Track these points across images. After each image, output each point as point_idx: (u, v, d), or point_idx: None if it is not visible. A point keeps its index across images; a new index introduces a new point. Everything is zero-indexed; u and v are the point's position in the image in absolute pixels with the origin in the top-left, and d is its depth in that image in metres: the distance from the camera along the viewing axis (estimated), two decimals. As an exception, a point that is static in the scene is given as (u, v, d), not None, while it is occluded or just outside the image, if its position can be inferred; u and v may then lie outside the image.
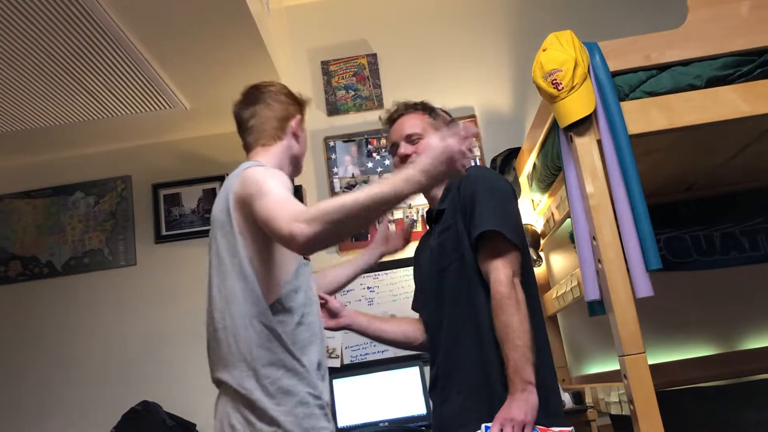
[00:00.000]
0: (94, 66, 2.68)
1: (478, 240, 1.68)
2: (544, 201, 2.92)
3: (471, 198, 1.72)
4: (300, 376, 1.61)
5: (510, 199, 1.78)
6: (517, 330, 1.55)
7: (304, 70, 3.65)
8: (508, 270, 1.63)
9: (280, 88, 1.98)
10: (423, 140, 1.91)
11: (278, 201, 1.49)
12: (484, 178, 1.76)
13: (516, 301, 1.59)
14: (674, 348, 3.18)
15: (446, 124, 1.74)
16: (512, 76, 3.58)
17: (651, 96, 2.16)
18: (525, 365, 1.53)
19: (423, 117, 1.96)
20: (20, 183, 3.56)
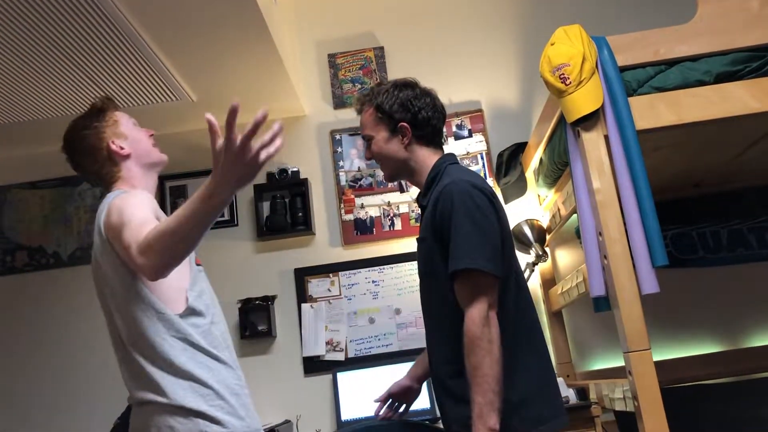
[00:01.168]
0: (101, 58, 2.68)
1: (453, 275, 1.60)
2: (550, 196, 2.91)
3: (447, 221, 1.62)
4: (227, 370, 1.73)
5: (488, 217, 1.63)
6: (485, 374, 1.49)
7: (310, 63, 3.64)
8: (483, 306, 1.54)
9: (76, 125, 1.90)
10: (373, 139, 1.84)
11: (131, 231, 1.50)
12: (460, 198, 1.62)
13: (488, 342, 1.51)
14: (679, 345, 3.17)
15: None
16: (519, 71, 3.57)
17: (659, 91, 2.14)
18: (490, 412, 1.47)
19: (370, 113, 1.85)
20: (27, 173, 3.57)
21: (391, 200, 3.38)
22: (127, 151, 1.88)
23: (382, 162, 1.86)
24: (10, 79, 2.75)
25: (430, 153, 1.83)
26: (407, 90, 1.85)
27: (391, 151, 1.82)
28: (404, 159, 1.82)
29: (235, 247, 3.41)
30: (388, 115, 1.81)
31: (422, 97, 1.85)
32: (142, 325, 1.65)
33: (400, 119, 1.80)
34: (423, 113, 1.82)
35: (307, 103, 3.57)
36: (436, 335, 1.73)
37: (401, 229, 3.34)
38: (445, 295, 1.64)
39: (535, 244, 3.00)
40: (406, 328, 3.23)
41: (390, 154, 1.82)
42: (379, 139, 1.83)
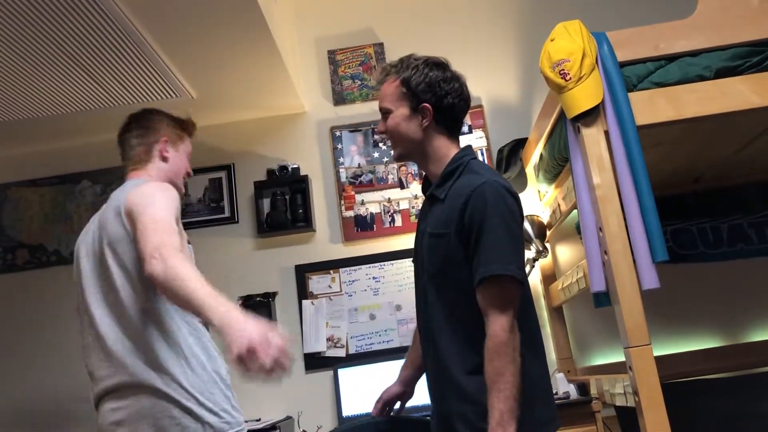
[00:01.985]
0: (101, 55, 2.68)
1: (482, 279, 1.56)
2: (550, 192, 2.91)
3: (478, 224, 1.57)
4: (220, 360, 1.89)
5: (519, 224, 1.64)
6: (509, 381, 1.48)
7: (310, 60, 3.64)
8: (510, 314, 1.53)
9: (161, 111, 2.12)
10: (391, 114, 1.73)
11: (162, 233, 1.60)
12: (495, 201, 1.58)
13: (513, 349, 1.51)
14: (680, 340, 3.17)
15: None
16: (519, 67, 3.56)
17: (659, 87, 2.14)
18: (510, 420, 1.46)
19: (394, 84, 1.74)
20: (27, 171, 3.57)
21: (392, 197, 3.38)
22: (167, 157, 2.04)
23: (395, 139, 1.75)
24: (10, 76, 2.74)
25: (448, 143, 1.74)
26: (438, 70, 1.74)
27: (408, 131, 1.72)
28: (419, 141, 1.72)
29: (235, 243, 3.41)
30: (413, 92, 1.71)
31: (452, 82, 1.73)
32: (154, 299, 1.71)
33: (425, 99, 1.70)
34: (449, 99, 1.71)
35: (306, 99, 3.57)
36: (448, 330, 1.64)
37: (401, 226, 3.34)
38: (460, 295, 1.61)
39: (535, 239, 3.00)
40: (407, 324, 3.24)
41: (406, 133, 1.72)
42: (397, 114, 1.73)
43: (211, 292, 1.45)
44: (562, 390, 2.67)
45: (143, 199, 1.72)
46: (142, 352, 1.69)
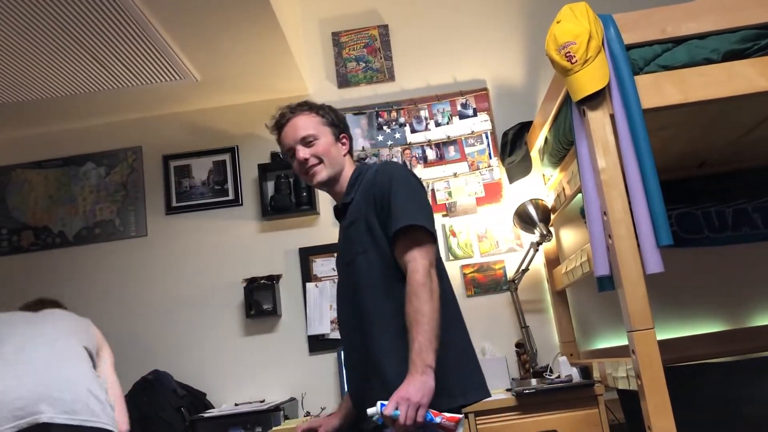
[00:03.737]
0: (105, 37, 2.67)
1: (397, 233, 1.70)
2: (555, 176, 2.90)
3: (387, 191, 1.75)
4: None
5: (424, 193, 1.83)
6: (427, 316, 1.58)
7: (314, 42, 3.62)
8: (425, 260, 1.66)
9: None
10: (319, 140, 1.90)
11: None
12: (398, 173, 1.79)
13: (430, 290, 1.62)
14: (683, 324, 3.18)
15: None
16: (525, 49, 3.54)
17: (666, 70, 2.13)
18: (428, 349, 1.56)
19: (311, 117, 1.94)
20: (32, 153, 3.58)
21: (396, 180, 3.38)
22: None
23: (327, 161, 1.90)
24: (14, 58, 2.74)
25: (351, 164, 1.98)
26: (337, 112, 2.01)
27: (337, 155, 1.92)
28: (342, 166, 1.93)
29: (240, 226, 3.42)
30: (334, 125, 1.95)
31: (343, 118, 2.03)
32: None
33: (343, 131, 1.97)
34: (349, 132, 2.01)
35: (310, 82, 3.55)
36: (375, 323, 1.72)
37: (405, 209, 3.34)
38: (385, 259, 1.73)
39: (539, 223, 3.00)
40: (411, 307, 3.24)
41: (336, 156, 1.92)
42: (326, 141, 1.91)
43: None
44: (565, 373, 2.68)
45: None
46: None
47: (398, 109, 3.47)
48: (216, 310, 3.33)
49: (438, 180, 3.36)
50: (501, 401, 2.60)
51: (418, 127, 3.44)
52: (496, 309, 3.23)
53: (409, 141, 3.43)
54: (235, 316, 3.32)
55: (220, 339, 3.29)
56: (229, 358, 3.27)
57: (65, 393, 2.02)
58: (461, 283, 3.26)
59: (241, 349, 3.28)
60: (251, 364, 3.26)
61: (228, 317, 3.32)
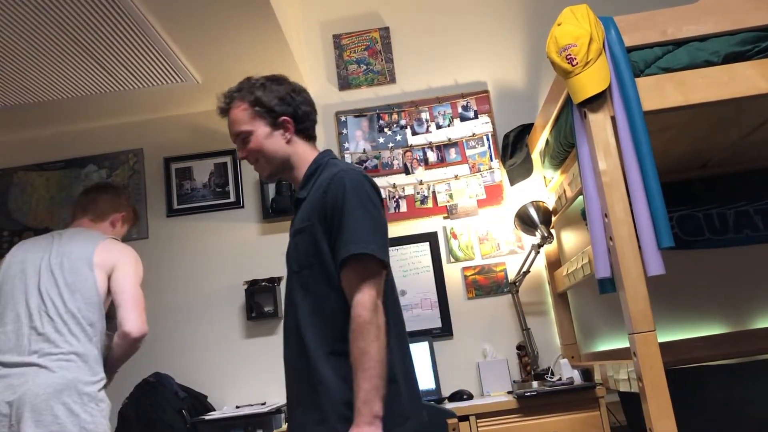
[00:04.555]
0: (107, 40, 2.67)
1: (345, 260, 1.56)
2: (556, 178, 2.90)
3: (339, 208, 1.59)
4: None
5: (379, 209, 1.65)
6: (373, 359, 1.47)
7: (315, 44, 3.63)
8: (373, 293, 1.53)
9: (128, 195, 2.88)
10: (252, 136, 1.76)
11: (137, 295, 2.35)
12: (353, 186, 1.61)
13: (377, 327, 1.50)
14: (685, 326, 3.17)
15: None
16: (526, 51, 3.54)
17: (666, 72, 2.13)
18: (375, 398, 1.45)
19: (243, 108, 1.78)
20: (33, 155, 3.58)
21: (397, 182, 3.38)
22: (114, 226, 2.67)
23: (264, 158, 1.78)
24: (17, 61, 2.74)
25: (310, 148, 1.82)
26: (284, 84, 1.82)
27: (275, 147, 1.77)
28: (287, 154, 1.78)
29: (241, 228, 3.42)
30: (269, 109, 1.77)
31: (300, 93, 1.83)
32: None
33: (282, 113, 1.77)
34: (303, 108, 1.81)
35: (311, 84, 3.56)
36: (317, 329, 1.60)
37: (406, 211, 3.34)
38: (329, 289, 1.60)
39: (540, 225, 3.00)
40: (412, 309, 3.24)
41: (273, 149, 1.77)
42: (259, 134, 1.77)
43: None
44: (566, 376, 2.68)
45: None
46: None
47: (399, 111, 3.47)
48: (217, 313, 3.33)
49: (439, 182, 3.36)
50: (502, 404, 2.60)
51: (419, 130, 3.45)
52: (497, 311, 3.23)
53: (410, 143, 3.43)
54: (236, 318, 3.32)
55: (222, 341, 3.29)
56: (231, 360, 3.27)
57: None
58: (462, 285, 3.26)
59: (242, 351, 3.28)
60: (252, 367, 3.26)
61: (229, 319, 3.32)
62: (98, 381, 2.20)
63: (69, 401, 2.07)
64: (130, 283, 2.34)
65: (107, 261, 2.34)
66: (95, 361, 2.21)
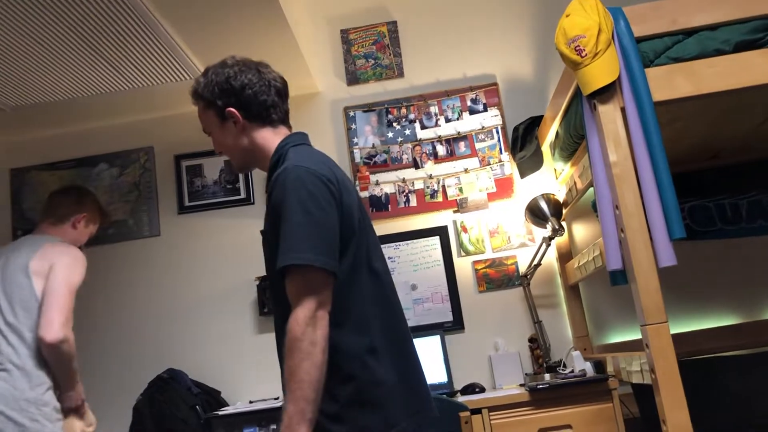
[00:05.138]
0: (115, 38, 2.68)
1: (282, 270, 1.44)
2: (566, 170, 2.89)
3: (279, 213, 1.46)
4: None
5: (324, 207, 1.46)
6: (301, 380, 1.34)
7: (323, 39, 3.63)
8: (309, 304, 1.39)
9: (91, 195, 2.70)
10: (211, 133, 1.69)
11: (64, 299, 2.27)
12: (293, 186, 1.46)
13: (310, 344, 1.36)
14: (697, 317, 3.16)
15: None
16: (535, 43, 3.53)
17: (677, 62, 2.11)
18: (300, 423, 1.32)
19: (201, 107, 1.69)
20: (45, 155, 3.61)
21: (406, 176, 3.38)
22: (76, 227, 2.69)
23: (227, 153, 1.70)
24: (26, 61, 2.76)
25: (272, 133, 1.66)
26: (223, 70, 1.67)
27: (230, 140, 1.66)
28: (246, 147, 1.65)
29: (252, 225, 3.43)
30: (212, 104, 1.65)
31: (242, 74, 1.65)
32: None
33: (225, 104, 1.64)
34: (247, 91, 1.63)
35: (320, 79, 3.56)
36: (282, 328, 1.47)
37: (416, 206, 3.34)
38: (284, 293, 1.46)
39: (551, 218, 2.99)
40: (423, 303, 3.25)
41: (230, 145, 1.66)
42: (214, 129, 1.68)
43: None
44: (579, 368, 2.68)
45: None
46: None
47: (408, 105, 3.47)
48: (229, 308, 3.35)
49: (449, 176, 3.36)
50: (514, 396, 2.60)
51: (428, 123, 3.44)
52: (508, 304, 3.23)
53: (419, 137, 3.43)
54: (249, 313, 3.34)
55: (234, 337, 3.31)
56: (243, 355, 3.29)
57: None
58: (473, 279, 3.26)
59: (254, 346, 3.29)
60: (265, 362, 3.27)
61: (241, 315, 3.34)
62: (39, 385, 2.21)
63: (8, 410, 2.12)
64: (58, 284, 2.27)
65: (44, 265, 2.32)
66: (35, 367, 2.22)
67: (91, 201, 2.67)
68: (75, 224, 2.58)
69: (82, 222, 2.60)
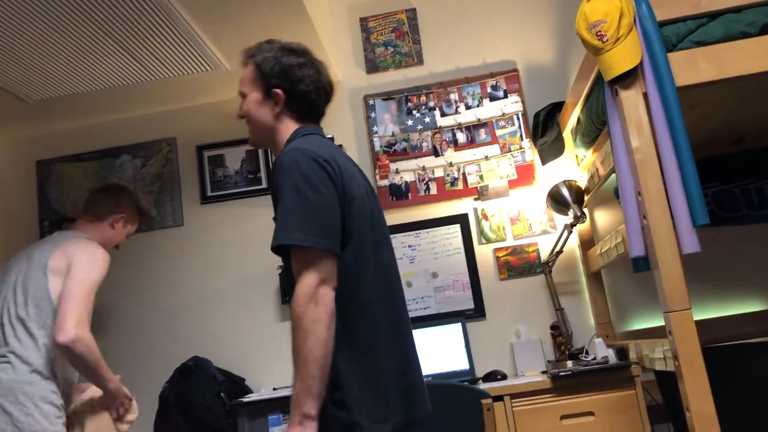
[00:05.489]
0: (137, 30, 2.71)
1: (278, 250, 1.48)
2: (588, 156, 2.87)
3: (276, 194, 1.51)
4: None
5: (319, 189, 1.48)
6: (305, 357, 1.37)
7: (342, 28, 3.62)
8: (310, 280, 1.41)
9: (131, 195, 2.72)
10: (246, 98, 1.72)
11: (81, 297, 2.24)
12: (288, 168, 1.49)
13: (312, 321, 1.38)
14: (721, 303, 3.13)
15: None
16: (555, 29, 3.49)
17: (700, 46, 2.08)
18: (306, 398, 1.36)
19: (250, 69, 1.72)
20: (70, 147, 3.66)
21: (426, 165, 3.38)
22: (114, 227, 2.70)
23: (249, 123, 1.73)
24: (49, 54, 2.80)
25: (297, 126, 1.70)
26: (291, 56, 1.70)
27: (260, 116, 1.69)
28: (270, 128, 1.69)
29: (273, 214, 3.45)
30: (266, 78, 1.68)
31: (306, 68, 1.70)
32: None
33: (276, 85, 1.67)
34: (302, 86, 1.68)
35: (339, 68, 3.56)
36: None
37: (437, 194, 3.34)
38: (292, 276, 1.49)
39: (573, 205, 2.98)
40: (444, 291, 3.25)
41: (258, 117, 1.70)
42: (251, 98, 1.71)
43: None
44: (601, 355, 2.67)
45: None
46: None
47: (427, 93, 3.46)
48: (252, 297, 3.38)
49: (469, 163, 3.35)
50: (536, 383, 2.60)
51: (448, 111, 3.43)
52: (530, 292, 3.23)
53: (439, 125, 3.42)
54: (271, 302, 3.37)
55: (257, 325, 3.35)
56: (267, 343, 3.32)
57: None
58: (494, 266, 3.26)
59: (277, 334, 3.33)
60: (287, 349, 3.30)
61: (264, 304, 3.37)
62: (41, 382, 2.20)
63: (4, 401, 2.13)
64: (74, 284, 2.25)
65: (62, 263, 2.33)
66: (41, 364, 2.22)
67: (130, 201, 2.69)
68: (113, 224, 2.60)
69: (120, 222, 2.63)
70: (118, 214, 2.62)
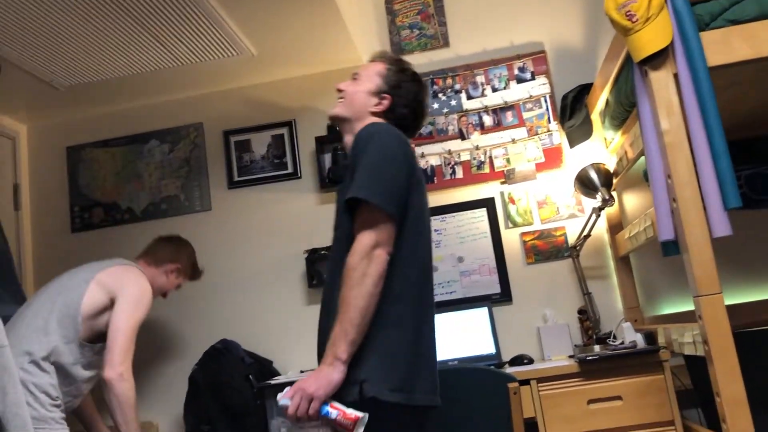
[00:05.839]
0: (163, 16, 2.72)
1: (354, 207, 1.57)
2: (617, 139, 2.83)
3: (358, 153, 1.60)
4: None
5: (399, 161, 1.60)
6: (349, 304, 1.45)
7: (367, 11, 3.60)
8: (369, 238, 1.50)
9: (191, 251, 2.90)
10: (361, 80, 1.84)
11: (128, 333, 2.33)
12: (376, 134, 1.62)
13: (362, 275, 1.47)
14: (753, 288, 3.08)
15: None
16: (583, 9, 3.43)
17: (734, 24, 2.04)
18: (341, 341, 1.44)
19: (380, 66, 1.86)
20: (99, 132, 3.71)
21: (452, 148, 3.36)
22: (167, 276, 2.84)
23: (347, 98, 1.83)
24: (78, 42, 2.83)
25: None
26: (419, 86, 1.86)
27: (361, 100, 1.81)
28: (361, 115, 1.80)
29: (299, 199, 3.47)
30: (386, 81, 1.82)
31: (419, 97, 1.85)
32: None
33: (389, 94, 1.81)
34: (404, 110, 1.82)
35: (365, 52, 3.54)
36: (332, 295, 1.59)
37: (462, 178, 3.32)
38: (349, 245, 1.54)
39: (601, 188, 2.94)
40: (470, 275, 3.25)
41: (360, 102, 1.81)
42: (365, 84, 1.83)
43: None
44: (629, 339, 2.65)
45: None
46: None
47: (453, 75, 3.43)
48: (279, 281, 3.41)
49: (496, 146, 3.32)
50: (563, 368, 2.59)
51: (474, 93, 3.40)
52: (557, 276, 3.20)
53: (465, 108, 3.39)
54: (298, 286, 3.39)
55: (284, 308, 3.38)
56: (294, 326, 3.35)
57: None
58: (521, 250, 3.24)
59: (304, 317, 3.35)
60: (314, 332, 3.32)
61: (291, 287, 3.39)
62: (41, 373, 2.21)
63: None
64: (124, 319, 2.33)
65: (110, 281, 2.41)
66: (47, 363, 2.23)
67: (188, 255, 2.84)
68: (167, 272, 2.75)
69: (174, 273, 2.77)
70: (174, 264, 2.77)
